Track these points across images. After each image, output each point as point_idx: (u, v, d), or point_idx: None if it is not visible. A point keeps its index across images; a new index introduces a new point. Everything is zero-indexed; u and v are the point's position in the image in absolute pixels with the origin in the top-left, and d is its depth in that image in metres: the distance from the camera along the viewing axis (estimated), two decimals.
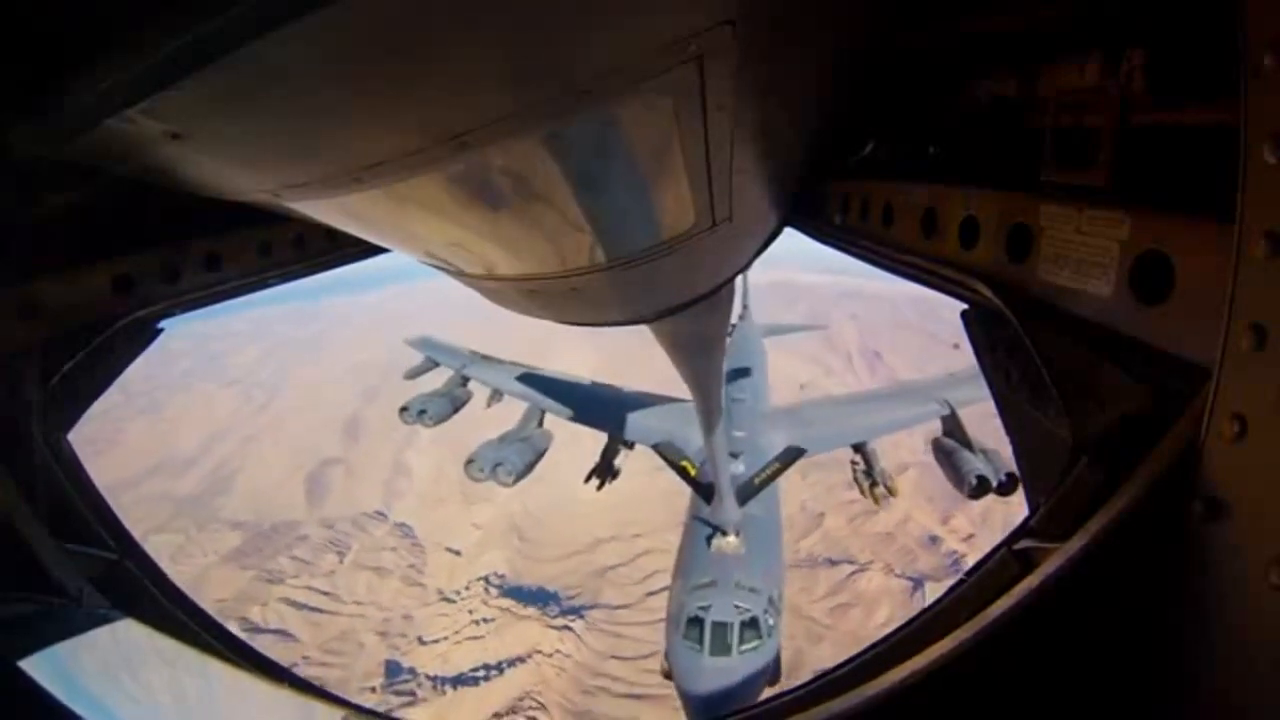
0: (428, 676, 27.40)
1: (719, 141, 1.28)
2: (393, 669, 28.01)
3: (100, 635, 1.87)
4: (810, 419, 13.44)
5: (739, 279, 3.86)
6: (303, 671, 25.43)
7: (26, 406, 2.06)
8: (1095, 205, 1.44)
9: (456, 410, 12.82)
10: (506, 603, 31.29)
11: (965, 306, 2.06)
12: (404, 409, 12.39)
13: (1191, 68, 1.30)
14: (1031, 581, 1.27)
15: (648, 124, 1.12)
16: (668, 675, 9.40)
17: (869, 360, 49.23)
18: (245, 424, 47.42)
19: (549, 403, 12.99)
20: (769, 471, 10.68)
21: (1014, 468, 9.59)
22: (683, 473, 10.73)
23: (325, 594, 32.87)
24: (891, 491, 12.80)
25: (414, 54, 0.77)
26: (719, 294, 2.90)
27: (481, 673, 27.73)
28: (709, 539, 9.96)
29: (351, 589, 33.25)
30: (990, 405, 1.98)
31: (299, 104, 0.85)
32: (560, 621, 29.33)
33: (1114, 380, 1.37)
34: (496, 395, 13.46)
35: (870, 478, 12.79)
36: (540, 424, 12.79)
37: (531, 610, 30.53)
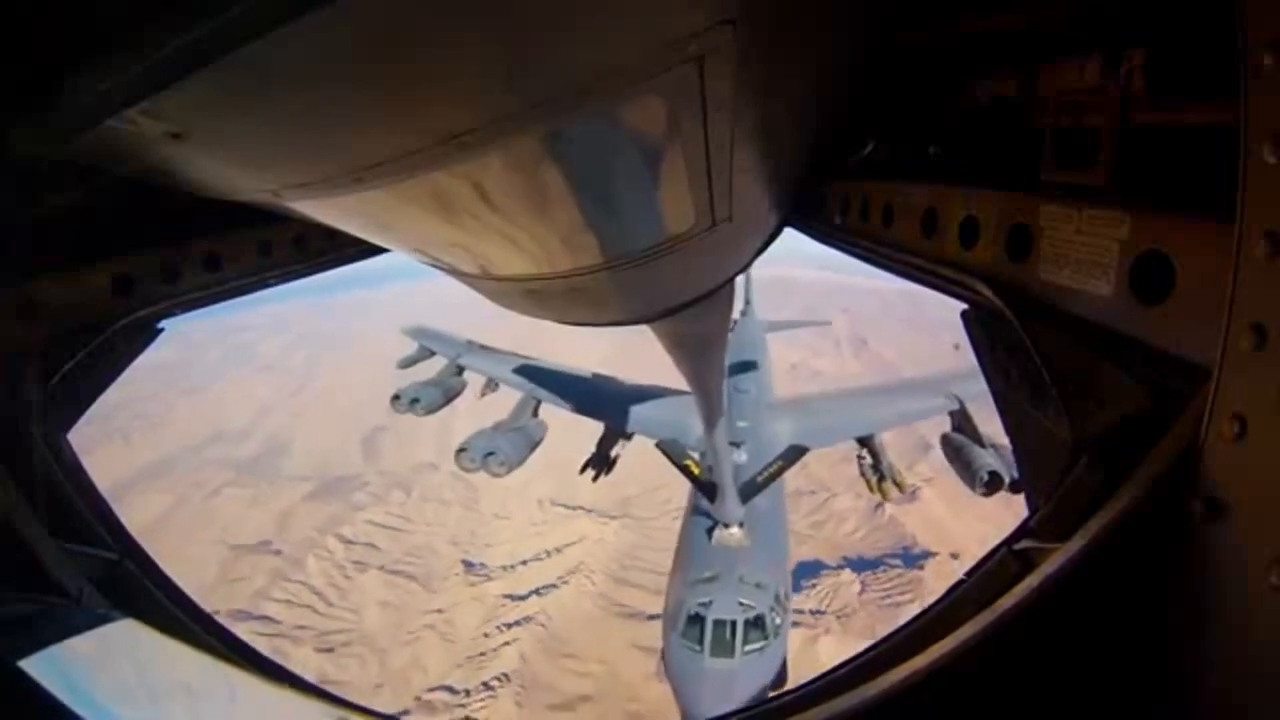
0: (498, 565, 35.01)
1: (719, 141, 1.28)
2: (468, 564, 35.48)
3: (100, 635, 1.87)
4: (814, 410, 13.03)
5: (740, 277, 3.86)
6: (395, 570, 35.21)
7: (26, 406, 2.06)
8: (1095, 205, 1.44)
9: (449, 400, 12.51)
10: (557, 510, 37.66)
11: (965, 306, 2.06)
12: (395, 397, 12.05)
13: (1191, 68, 1.30)
14: (1031, 581, 1.27)
15: (648, 124, 1.12)
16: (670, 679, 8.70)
17: (855, 346, 55.14)
18: (288, 402, 51.67)
19: (546, 394, 12.65)
20: (772, 470, 10.17)
21: None
22: (686, 471, 10.17)
23: (400, 518, 38.98)
24: (900, 487, 12.24)
25: (414, 54, 0.77)
26: (719, 293, 2.90)
27: (543, 555, 35.29)
28: (710, 531, 9.41)
29: (421, 515, 39.53)
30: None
31: (299, 104, 0.85)
32: (602, 521, 36.67)
33: (1114, 380, 1.37)
34: (491, 385, 13.19)
35: (878, 472, 12.18)
36: (535, 413, 12.40)
37: (579, 511, 37.38)
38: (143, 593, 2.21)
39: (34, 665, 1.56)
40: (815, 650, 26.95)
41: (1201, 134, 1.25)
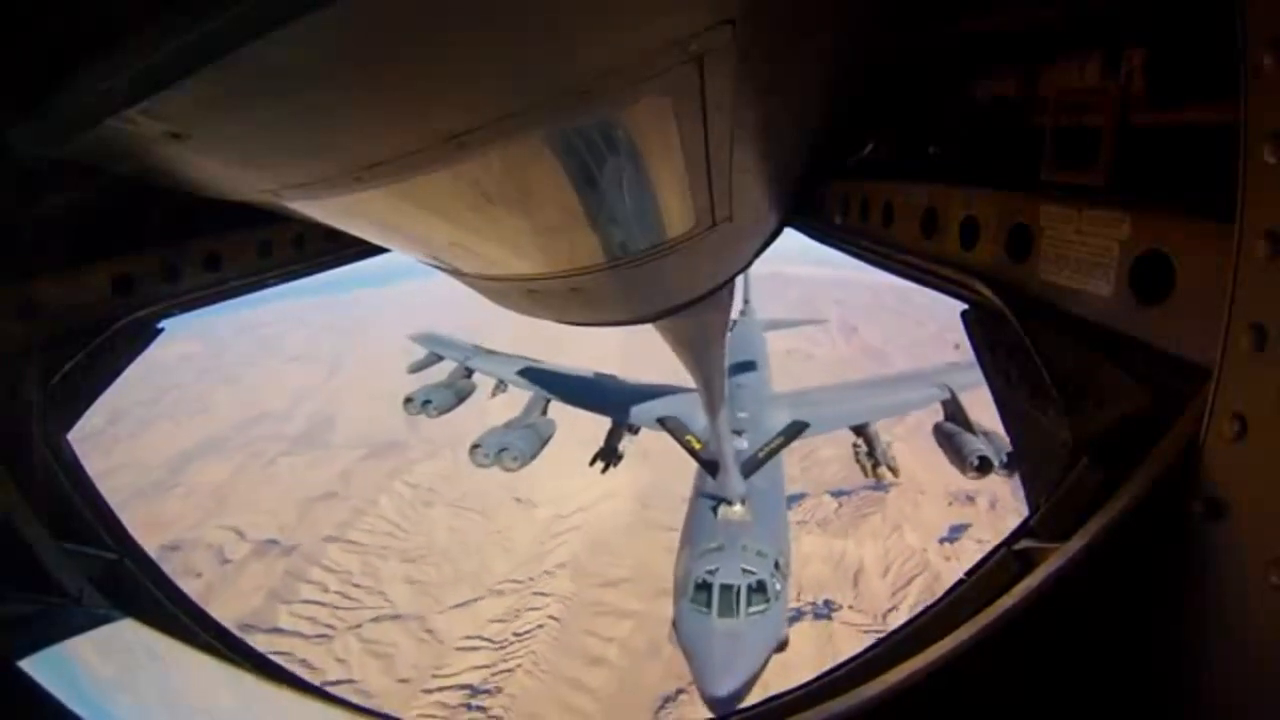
0: (544, 499, 41.56)
1: (719, 141, 1.28)
2: (518, 499, 41.69)
3: (100, 635, 1.86)
4: (812, 401, 13.58)
5: (740, 277, 3.89)
6: (456, 505, 41.99)
7: (26, 406, 2.06)
8: (1095, 205, 1.44)
9: (461, 401, 12.94)
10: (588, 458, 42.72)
11: (965, 306, 2.06)
12: (408, 400, 12.50)
13: (1191, 68, 1.30)
14: (1031, 581, 1.27)
15: (648, 124, 1.12)
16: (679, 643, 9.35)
17: (846, 334, 61.42)
18: (324, 386, 56.17)
19: (552, 393, 13.18)
20: (773, 445, 10.89)
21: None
22: (688, 447, 10.97)
23: (454, 467, 42.94)
24: (894, 471, 12.94)
25: (414, 54, 0.77)
26: (720, 292, 2.91)
27: (581, 489, 40.07)
28: (715, 509, 10.14)
29: (471, 469, 41.13)
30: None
31: (299, 104, 0.85)
32: (627, 464, 38.47)
33: (1114, 380, 1.37)
34: (501, 386, 13.66)
35: (873, 458, 12.88)
36: (544, 412, 12.95)
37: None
38: (142, 593, 2.21)
39: (34, 665, 1.55)
40: (801, 542, 34.37)
41: (1201, 134, 1.24)
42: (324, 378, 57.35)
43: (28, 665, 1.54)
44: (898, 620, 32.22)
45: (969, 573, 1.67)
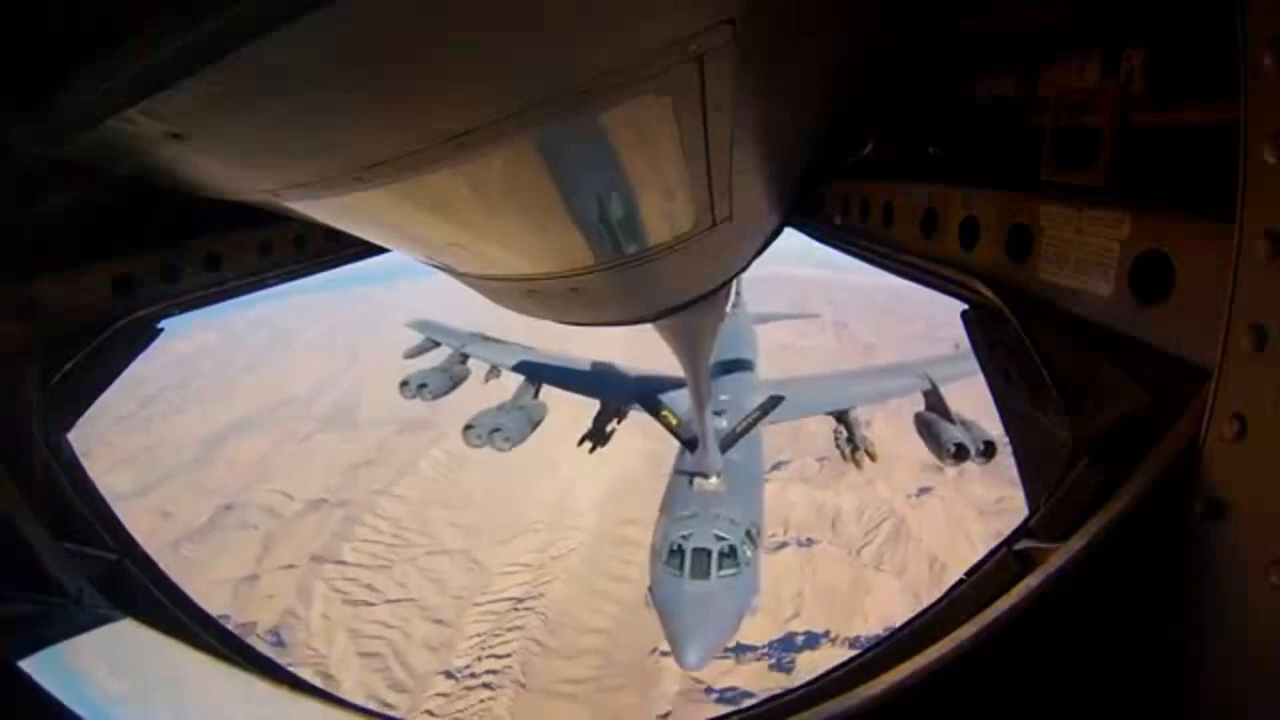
0: (564, 463, 44.50)
1: (719, 141, 1.28)
2: (548, 463, 44.75)
3: (100, 635, 1.86)
4: (795, 387, 13.94)
5: None
6: (491, 468, 43.57)
7: (26, 406, 2.06)
8: (1095, 205, 1.44)
9: (455, 386, 13.31)
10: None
11: (965, 306, 2.06)
12: (404, 383, 12.84)
13: (1191, 68, 1.30)
14: (1031, 581, 1.27)
15: (648, 124, 1.12)
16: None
17: (837, 331, 65.33)
18: (344, 374, 59.03)
19: (545, 379, 13.56)
20: (750, 419, 11.25)
21: (992, 436, 10.44)
22: (665, 423, 11.38)
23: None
24: (871, 456, 13.39)
25: (414, 54, 0.77)
26: (719, 292, 2.91)
27: (599, 454, 40.95)
28: (691, 480, 10.51)
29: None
30: (972, 381, 2.00)
31: (299, 104, 0.85)
32: (638, 433, 43.53)
33: (1114, 380, 1.37)
34: (494, 372, 14.03)
35: (852, 444, 13.35)
36: (536, 395, 13.30)
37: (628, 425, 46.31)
38: (142, 592, 2.20)
39: (34, 665, 1.56)
40: (788, 493, 41.35)
41: (1201, 134, 1.25)
42: (344, 366, 60.18)
43: (28, 665, 1.54)
44: (868, 554, 38.09)
45: (969, 573, 1.67)
